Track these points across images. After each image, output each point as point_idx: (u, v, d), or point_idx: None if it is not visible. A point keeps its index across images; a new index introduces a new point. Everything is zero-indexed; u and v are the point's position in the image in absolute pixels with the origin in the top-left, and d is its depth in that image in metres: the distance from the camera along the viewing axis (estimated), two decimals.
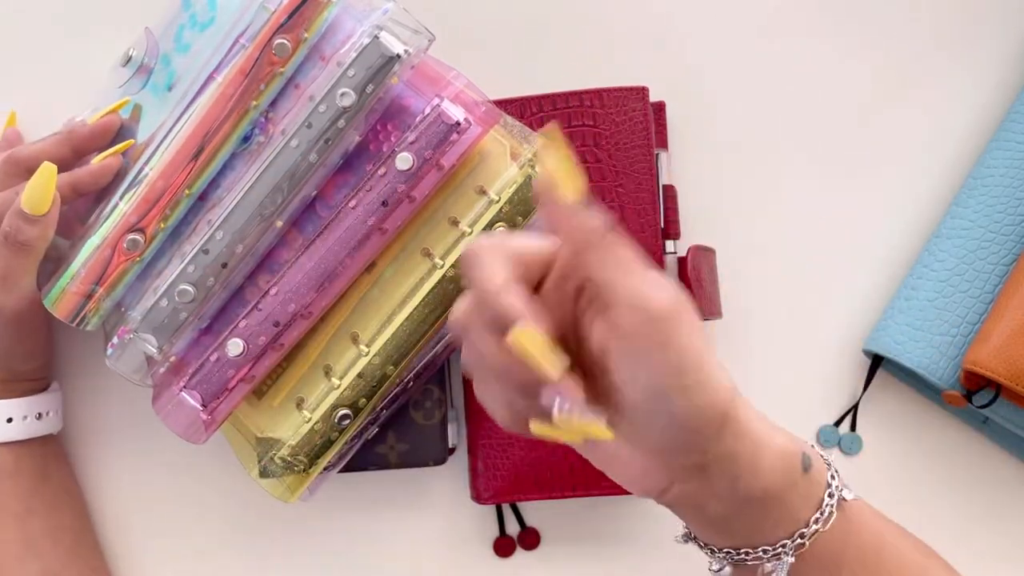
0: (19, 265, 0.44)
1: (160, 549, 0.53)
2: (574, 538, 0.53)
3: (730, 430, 0.32)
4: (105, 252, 0.44)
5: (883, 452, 0.52)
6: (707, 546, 0.37)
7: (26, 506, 0.49)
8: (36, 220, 0.43)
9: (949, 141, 0.52)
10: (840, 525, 0.36)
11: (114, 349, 0.46)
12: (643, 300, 0.30)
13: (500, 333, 0.30)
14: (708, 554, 0.37)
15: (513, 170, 0.44)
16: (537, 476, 0.47)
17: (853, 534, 0.36)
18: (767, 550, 0.35)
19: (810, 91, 0.52)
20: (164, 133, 0.44)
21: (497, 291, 0.30)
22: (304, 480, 0.46)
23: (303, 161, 0.43)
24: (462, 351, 0.33)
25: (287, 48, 0.42)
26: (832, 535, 0.35)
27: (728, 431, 0.32)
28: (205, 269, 0.44)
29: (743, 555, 0.36)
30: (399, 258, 0.45)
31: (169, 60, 0.47)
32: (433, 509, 0.53)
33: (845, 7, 0.52)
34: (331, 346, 0.46)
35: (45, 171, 0.42)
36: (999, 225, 0.48)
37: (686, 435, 0.32)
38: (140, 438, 0.53)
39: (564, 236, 0.31)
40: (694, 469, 0.33)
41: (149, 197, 0.44)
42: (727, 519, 0.35)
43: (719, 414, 0.32)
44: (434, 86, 0.43)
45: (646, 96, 0.48)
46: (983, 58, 0.52)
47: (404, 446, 0.49)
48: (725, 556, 0.36)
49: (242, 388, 0.45)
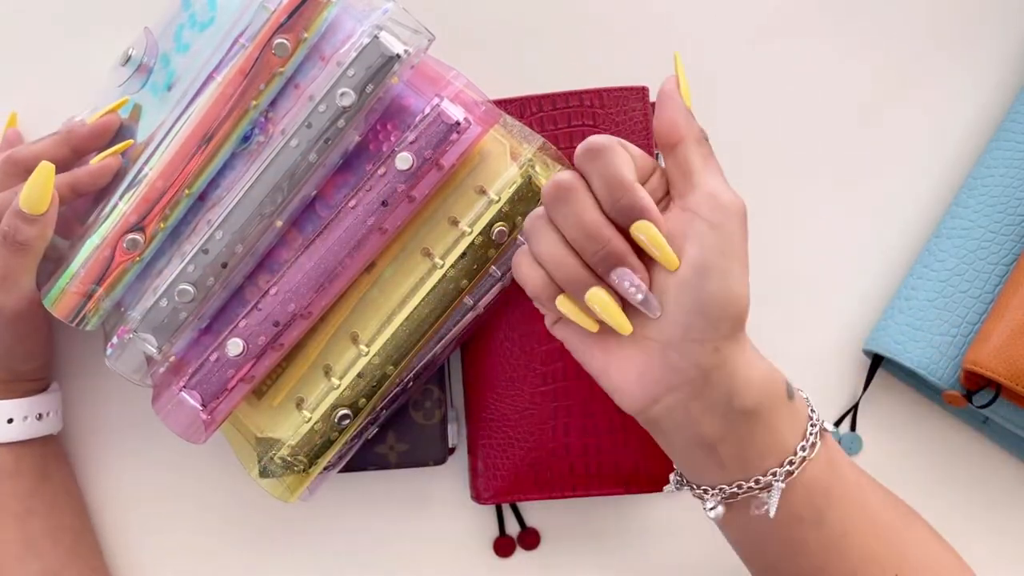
0: (18, 265, 0.44)
1: (160, 549, 0.53)
2: (574, 538, 0.53)
3: (739, 337, 0.36)
4: (105, 252, 0.44)
5: (883, 452, 0.52)
6: (699, 488, 0.39)
7: (26, 506, 0.49)
8: (34, 220, 0.43)
9: (949, 141, 0.52)
10: (824, 456, 0.38)
11: (114, 349, 0.46)
12: (719, 192, 0.36)
13: (621, 218, 0.36)
14: (701, 495, 0.39)
15: (513, 170, 0.44)
16: (537, 476, 0.47)
17: (837, 466, 0.38)
18: (759, 480, 0.37)
19: (810, 91, 0.52)
20: (164, 133, 0.44)
21: (633, 184, 0.35)
22: (304, 480, 0.46)
23: (303, 161, 0.43)
24: (534, 214, 0.38)
25: (287, 48, 0.42)
26: (818, 465, 0.37)
27: (739, 336, 0.36)
28: (205, 269, 0.44)
29: (735, 489, 0.37)
30: (399, 258, 0.45)
31: (169, 60, 0.47)
32: (433, 509, 0.53)
33: (845, 7, 0.52)
34: (331, 346, 0.46)
35: (43, 171, 0.42)
36: (999, 225, 0.48)
37: (707, 323, 0.35)
38: (140, 438, 0.53)
39: (675, 129, 0.37)
40: (697, 376, 0.35)
41: (149, 197, 0.44)
42: (718, 442, 0.36)
43: (739, 312, 0.36)
44: (434, 86, 0.43)
45: (646, 96, 0.48)
46: (983, 58, 0.52)
47: (404, 446, 0.49)
48: (718, 492, 0.38)
49: (242, 388, 0.45)
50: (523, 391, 0.48)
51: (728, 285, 0.35)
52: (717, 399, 0.36)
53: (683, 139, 0.37)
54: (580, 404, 0.47)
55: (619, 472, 0.47)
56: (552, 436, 0.47)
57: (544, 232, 0.37)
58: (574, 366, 0.47)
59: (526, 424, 0.47)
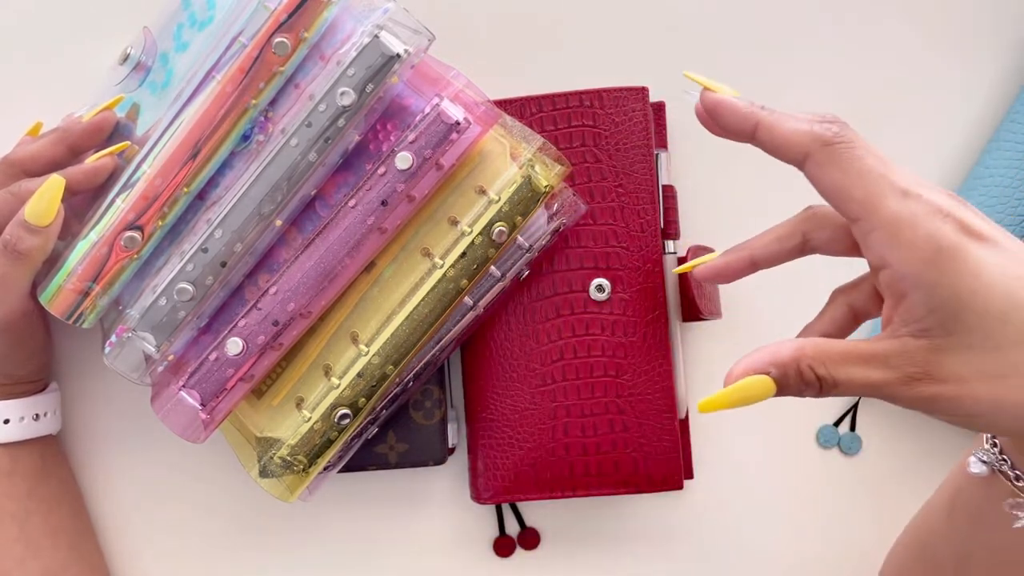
0: (16, 273, 0.44)
1: (160, 548, 0.53)
2: (574, 538, 0.53)
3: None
4: (102, 250, 0.44)
5: (883, 452, 0.52)
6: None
7: (25, 507, 0.48)
8: (38, 231, 0.43)
9: (949, 141, 0.52)
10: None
11: (112, 347, 0.46)
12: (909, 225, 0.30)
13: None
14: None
15: (513, 170, 0.44)
16: (537, 476, 0.47)
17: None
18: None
19: (810, 91, 0.52)
20: (162, 131, 0.44)
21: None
22: (304, 480, 0.46)
23: (302, 160, 0.43)
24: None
25: (287, 47, 0.42)
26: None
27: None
28: (204, 268, 0.44)
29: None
30: (399, 258, 0.45)
31: (168, 59, 0.47)
32: (433, 509, 0.53)
33: (845, 7, 0.52)
34: (331, 346, 0.46)
35: (53, 184, 0.42)
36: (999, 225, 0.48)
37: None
38: (139, 438, 0.53)
39: (786, 143, 0.32)
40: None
41: (147, 195, 0.43)
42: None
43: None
44: (434, 86, 0.43)
45: (646, 96, 0.48)
46: (983, 58, 0.52)
47: (404, 446, 0.49)
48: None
49: (241, 387, 0.45)
50: (523, 391, 0.48)
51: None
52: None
53: (808, 154, 0.32)
54: (580, 404, 0.47)
55: (619, 472, 0.47)
56: (552, 436, 0.47)
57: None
58: (574, 366, 0.47)
59: (526, 424, 0.47)
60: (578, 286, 0.48)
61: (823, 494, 0.52)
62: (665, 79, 0.51)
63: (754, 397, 0.31)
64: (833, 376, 0.31)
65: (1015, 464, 0.35)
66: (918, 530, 0.41)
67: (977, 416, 0.30)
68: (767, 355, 0.31)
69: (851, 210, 0.31)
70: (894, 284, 0.30)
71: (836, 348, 0.31)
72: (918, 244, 0.29)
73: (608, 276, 0.47)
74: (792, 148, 0.32)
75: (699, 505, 0.52)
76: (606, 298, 0.47)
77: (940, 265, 0.29)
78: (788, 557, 0.52)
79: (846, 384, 0.31)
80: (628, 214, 0.48)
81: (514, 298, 0.48)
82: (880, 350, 0.30)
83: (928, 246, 0.29)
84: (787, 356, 0.31)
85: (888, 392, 0.30)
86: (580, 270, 0.48)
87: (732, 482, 0.52)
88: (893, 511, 0.42)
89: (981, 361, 0.29)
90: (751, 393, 0.31)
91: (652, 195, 0.48)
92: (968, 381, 0.29)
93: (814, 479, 0.52)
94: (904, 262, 0.29)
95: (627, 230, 0.48)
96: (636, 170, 0.48)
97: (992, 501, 0.35)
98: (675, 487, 0.47)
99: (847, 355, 0.31)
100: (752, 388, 0.31)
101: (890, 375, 0.30)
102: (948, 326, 0.29)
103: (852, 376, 0.30)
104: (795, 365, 0.31)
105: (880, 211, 0.30)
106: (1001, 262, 0.29)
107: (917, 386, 0.30)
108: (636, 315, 0.47)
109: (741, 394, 0.31)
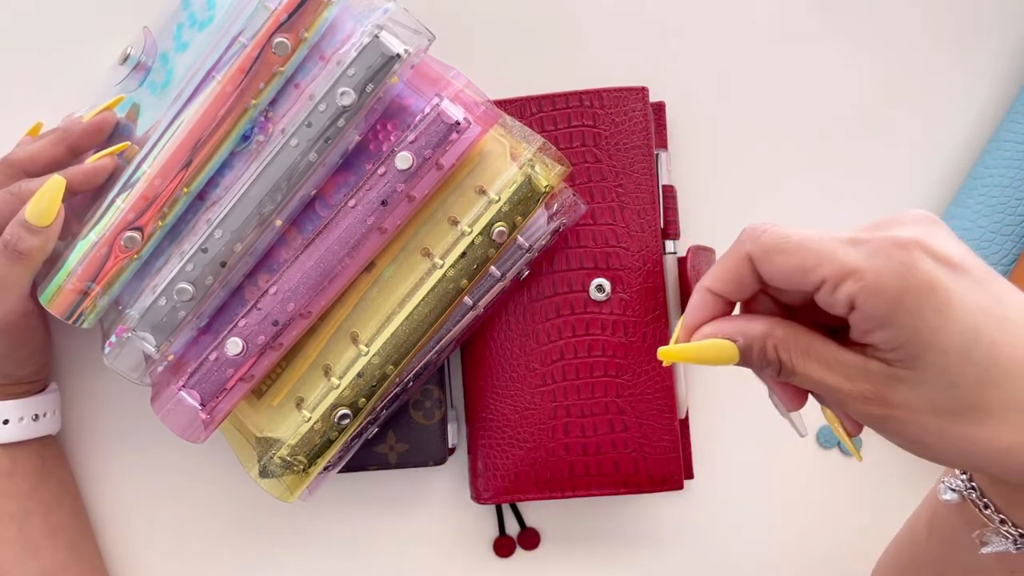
0: (16, 274, 0.44)
1: (159, 549, 0.53)
2: (574, 538, 0.53)
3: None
4: (102, 250, 0.44)
5: (883, 452, 0.52)
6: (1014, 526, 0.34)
7: (24, 507, 0.48)
8: (39, 231, 0.43)
9: (949, 141, 0.52)
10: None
11: (112, 347, 0.46)
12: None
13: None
14: (1004, 532, 0.34)
15: (513, 170, 0.44)
16: (537, 476, 0.47)
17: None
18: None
19: (810, 91, 0.52)
20: (162, 131, 0.44)
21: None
22: (304, 480, 0.46)
23: (302, 160, 0.43)
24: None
25: (287, 47, 0.42)
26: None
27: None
28: (204, 268, 0.44)
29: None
30: (399, 258, 0.45)
31: (168, 59, 0.47)
32: (433, 509, 0.53)
33: (845, 7, 0.52)
34: (331, 346, 0.46)
35: (54, 185, 0.42)
36: (999, 225, 0.48)
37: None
38: (139, 438, 0.53)
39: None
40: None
41: (147, 195, 0.43)
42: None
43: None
44: (434, 86, 0.43)
45: (646, 96, 0.48)
46: (983, 58, 0.52)
47: (404, 446, 0.49)
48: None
49: (241, 387, 0.45)
50: (523, 391, 0.48)
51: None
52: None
53: (750, 257, 0.32)
54: (580, 404, 0.47)
55: (619, 472, 0.47)
56: (552, 436, 0.47)
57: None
58: (574, 366, 0.47)
59: (526, 424, 0.47)
60: (578, 286, 0.48)
61: (823, 494, 0.52)
62: (665, 79, 0.51)
63: (716, 359, 0.32)
64: (793, 364, 0.31)
65: (984, 492, 0.35)
66: (903, 543, 0.41)
67: (927, 447, 0.30)
68: (740, 323, 0.32)
69: (811, 280, 0.30)
70: (859, 325, 0.30)
71: (804, 339, 0.31)
72: (882, 288, 0.29)
73: (608, 276, 0.47)
74: (741, 272, 0.33)
75: (699, 505, 0.52)
76: (606, 298, 0.47)
77: (904, 305, 0.29)
78: (788, 557, 0.52)
79: (803, 377, 0.31)
80: (628, 214, 0.48)
81: (514, 298, 0.48)
82: (844, 360, 0.31)
83: (892, 287, 0.29)
84: (757, 331, 0.32)
85: (840, 399, 0.31)
86: (580, 270, 0.48)
87: (732, 482, 0.52)
88: (893, 511, 0.42)
89: (936, 396, 0.29)
90: (714, 355, 0.32)
91: (652, 195, 0.48)
92: (920, 412, 0.30)
93: (814, 479, 0.52)
94: (869, 307, 0.29)
95: (627, 230, 0.48)
96: (636, 170, 0.48)
97: (965, 526, 0.35)
98: (675, 487, 0.47)
99: (813, 351, 0.31)
100: (716, 350, 0.32)
101: (846, 385, 0.30)
102: (909, 363, 0.29)
103: (810, 372, 0.31)
104: (762, 341, 0.31)
105: (837, 267, 0.30)
106: (968, 292, 0.29)
107: (869, 404, 0.30)
108: (636, 315, 0.47)
109: (705, 353, 0.32)
